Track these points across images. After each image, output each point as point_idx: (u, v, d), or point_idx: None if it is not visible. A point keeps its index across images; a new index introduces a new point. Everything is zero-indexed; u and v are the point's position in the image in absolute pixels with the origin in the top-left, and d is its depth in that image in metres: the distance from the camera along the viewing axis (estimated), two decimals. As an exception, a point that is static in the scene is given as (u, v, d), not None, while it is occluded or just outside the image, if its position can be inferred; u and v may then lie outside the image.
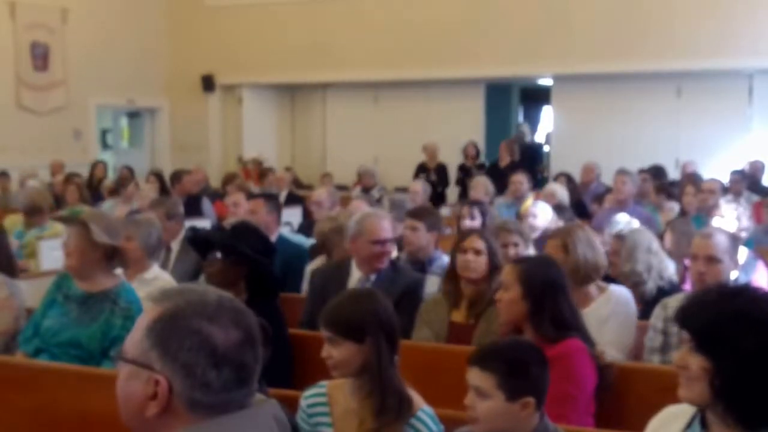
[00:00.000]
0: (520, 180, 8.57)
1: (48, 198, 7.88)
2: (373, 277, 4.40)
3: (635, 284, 4.33)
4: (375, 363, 2.63)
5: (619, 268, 4.43)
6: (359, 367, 2.65)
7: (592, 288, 3.99)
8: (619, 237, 4.51)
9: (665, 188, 7.96)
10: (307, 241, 6.19)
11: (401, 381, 2.66)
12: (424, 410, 2.64)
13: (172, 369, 1.53)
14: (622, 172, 7.53)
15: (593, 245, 4.01)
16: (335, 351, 2.66)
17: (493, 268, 3.88)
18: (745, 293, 2.01)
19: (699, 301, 2.04)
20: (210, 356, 1.52)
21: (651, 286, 4.37)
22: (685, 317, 2.03)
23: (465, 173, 12.00)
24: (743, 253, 4.73)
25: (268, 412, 1.60)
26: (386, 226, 4.43)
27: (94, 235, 3.81)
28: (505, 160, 11.82)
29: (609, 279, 4.30)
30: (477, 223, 5.56)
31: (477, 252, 3.90)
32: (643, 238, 4.49)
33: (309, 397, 2.80)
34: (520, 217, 6.51)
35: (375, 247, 4.37)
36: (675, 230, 5.28)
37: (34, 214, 7.11)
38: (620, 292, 4.02)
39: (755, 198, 8.43)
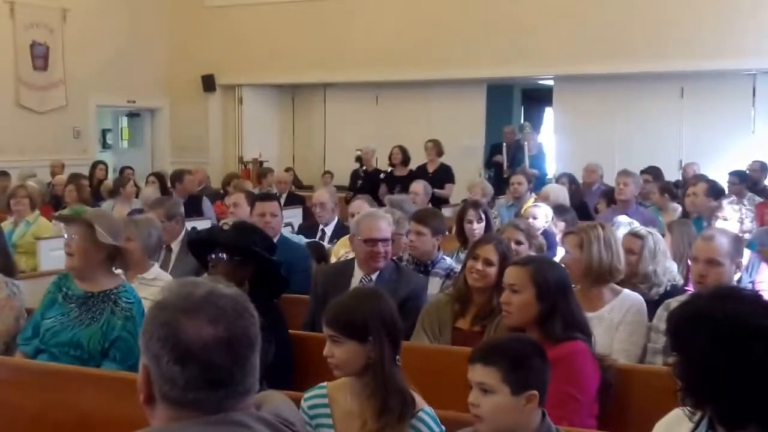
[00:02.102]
0: (519, 180, 8.60)
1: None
2: (375, 277, 4.39)
3: (651, 286, 4.27)
4: (378, 363, 2.61)
5: (637, 268, 4.31)
6: (361, 366, 2.64)
7: (605, 290, 3.93)
8: (637, 236, 4.41)
9: (669, 189, 7.93)
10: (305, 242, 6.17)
11: (404, 381, 2.65)
12: (425, 411, 2.63)
13: (149, 359, 1.53)
14: (623, 173, 7.51)
15: (611, 247, 3.93)
16: (337, 350, 2.65)
17: (503, 279, 3.86)
18: (714, 293, 2.03)
19: (676, 307, 2.09)
20: (173, 350, 1.49)
21: (663, 288, 4.30)
22: (667, 322, 2.09)
23: (387, 180, 10.59)
24: (746, 255, 4.69)
25: (250, 420, 1.55)
26: (381, 226, 4.43)
27: (98, 235, 3.80)
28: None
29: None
30: (483, 225, 5.55)
31: (488, 263, 3.87)
32: (660, 240, 4.45)
33: (309, 398, 2.79)
34: (520, 218, 6.49)
35: (366, 246, 4.38)
36: (674, 231, 5.26)
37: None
38: (634, 299, 3.94)
39: (758, 199, 8.42)
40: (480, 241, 4.08)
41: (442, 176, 10.31)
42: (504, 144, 12.50)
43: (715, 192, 6.80)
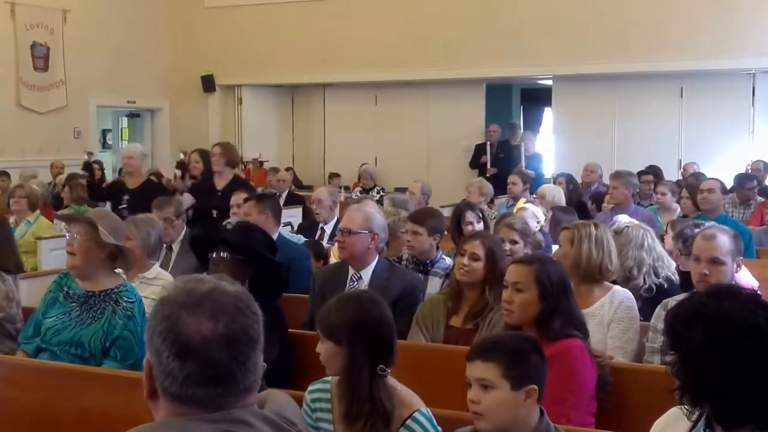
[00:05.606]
0: (514, 181, 8.70)
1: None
2: (366, 276, 4.41)
3: (626, 280, 4.32)
4: (346, 367, 2.65)
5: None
6: (339, 368, 2.68)
7: (596, 288, 3.98)
8: (617, 233, 4.47)
9: (671, 189, 7.94)
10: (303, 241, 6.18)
11: (384, 390, 2.63)
12: (421, 412, 2.62)
13: (151, 353, 1.54)
14: (612, 177, 7.45)
15: (603, 246, 3.98)
16: (321, 348, 2.72)
17: (492, 275, 3.87)
18: (711, 292, 2.04)
19: (674, 305, 2.11)
20: (173, 345, 1.50)
21: (640, 282, 4.36)
22: (664, 321, 2.12)
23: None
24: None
25: (252, 418, 1.56)
26: (351, 216, 4.48)
27: (101, 235, 3.81)
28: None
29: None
30: (481, 225, 5.55)
31: (474, 257, 3.89)
32: (636, 234, 4.48)
33: (313, 392, 2.82)
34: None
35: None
36: (676, 230, 5.26)
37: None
38: (624, 295, 3.99)
39: (760, 199, 8.43)
40: (467, 238, 4.13)
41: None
42: (488, 143, 12.52)
43: (724, 190, 6.80)
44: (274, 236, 5.28)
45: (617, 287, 4.04)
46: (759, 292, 2.43)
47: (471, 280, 3.89)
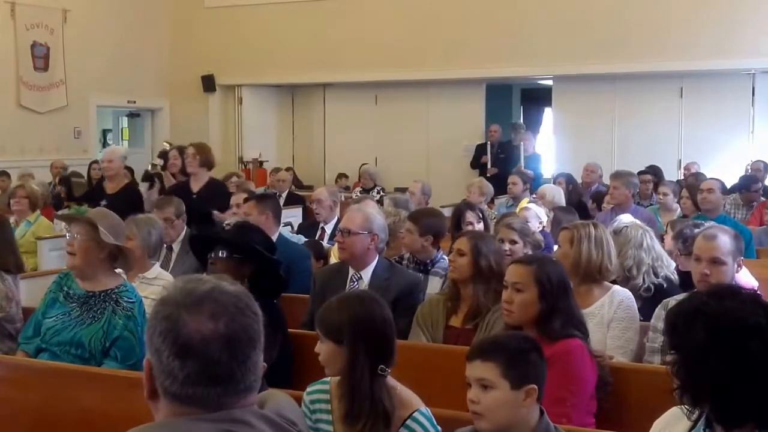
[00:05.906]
0: (514, 181, 8.69)
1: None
2: (366, 276, 4.42)
3: (625, 279, 4.34)
4: (347, 366, 2.65)
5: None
6: (340, 368, 2.68)
7: (595, 287, 3.99)
8: (616, 233, 4.49)
9: (673, 190, 7.94)
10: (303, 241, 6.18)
11: (384, 390, 2.64)
12: (421, 412, 2.63)
13: (151, 353, 1.55)
14: (612, 177, 7.46)
15: (603, 246, 3.99)
16: (321, 348, 2.72)
17: (478, 269, 3.88)
18: (712, 292, 2.05)
19: (674, 305, 2.11)
20: (174, 344, 1.50)
21: (639, 282, 4.37)
22: (665, 320, 2.11)
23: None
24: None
25: (252, 418, 1.56)
26: (351, 216, 4.50)
27: (101, 235, 3.82)
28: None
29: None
30: (481, 225, 5.56)
31: (460, 253, 3.92)
32: (635, 234, 4.49)
33: (312, 392, 2.82)
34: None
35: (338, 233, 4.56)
36: (675, 230, 5.27)
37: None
38: (624, 294, 4.00)
39: (761, 199, 8.43)
40: (457, 236, 4.19)
41: (214, 198, 6.92)
42: (488, 143, 12.54)
43: (724, 190, 6.81)
44: (274, 236, 5.29)
45: (617, 287, 4.05)
46: (759, 292, 2.44)
47: (458, 277, 3.92)
